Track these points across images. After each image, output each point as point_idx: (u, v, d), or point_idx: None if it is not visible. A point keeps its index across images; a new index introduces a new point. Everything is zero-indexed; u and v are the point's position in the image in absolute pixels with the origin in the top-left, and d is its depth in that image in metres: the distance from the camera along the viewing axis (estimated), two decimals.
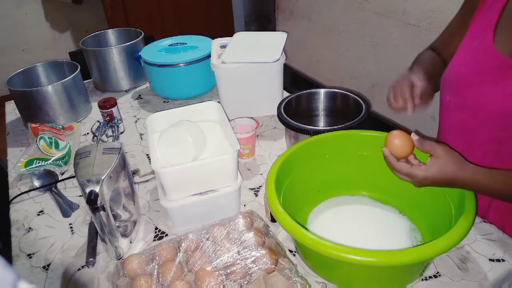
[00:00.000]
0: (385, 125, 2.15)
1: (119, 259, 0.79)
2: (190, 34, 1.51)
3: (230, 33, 1.34)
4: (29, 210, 0.96)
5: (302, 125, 0.95)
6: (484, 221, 0.83)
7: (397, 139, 0.70)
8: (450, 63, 0.86)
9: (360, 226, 0.83)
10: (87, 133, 1.27)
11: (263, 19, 3.02)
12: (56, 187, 1.01)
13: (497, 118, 0.77)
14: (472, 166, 0.66)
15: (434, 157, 0.66)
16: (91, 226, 0.87)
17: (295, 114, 1.04)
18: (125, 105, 1.41)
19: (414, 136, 0.70)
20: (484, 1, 0.81)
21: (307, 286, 0.68)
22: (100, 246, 0.83)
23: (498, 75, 0.75)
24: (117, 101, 1.29)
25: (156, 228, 0.88)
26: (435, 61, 0.93)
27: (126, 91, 1.51)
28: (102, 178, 0.72)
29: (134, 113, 1.36)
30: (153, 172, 1.03)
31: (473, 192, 0.68)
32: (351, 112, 1.01)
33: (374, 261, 0.58)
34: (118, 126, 1.26)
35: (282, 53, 1.17)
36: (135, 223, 0.86)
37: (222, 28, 3.00)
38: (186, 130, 0.87)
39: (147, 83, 1.54)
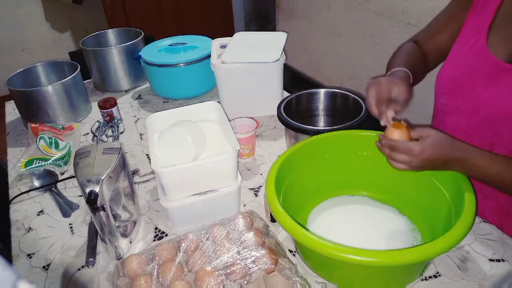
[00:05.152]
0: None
1: (119, 259, 0.79)
2: (190, 34, 1.51)
3: (230, 33, 1.34)
4: (29, 210, 0.96)
5: (302, 125, 0.95)
6: (484, 221, 0.83)
7: (396, 132, 0.72)
8: (443, 65, 0.85)
9: (360, 226, 0.83)
10: (87, 133, 1.27)
11: (263, 19, 3.02)
12: (56, 187, 1.01)
13: (490, 123, 0.77)
14: (463, 144, 0.69)
15: (426, 136, 0.68)
16: (91, 226, 0.87)
17: (295, 114, 1.04)
18: (125, 105, 1.41)
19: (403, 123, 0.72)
20: (477, 2, 0.80)
21: (307, 286, 0.68)
22: (100, 246, 0.83)
23: (491, 78, 0.75)
24: (117, 101, 1.29)
25: (156, 228, 0.88)
26: (415, 58, 0.90)
27: (126, 91, 1.51)
28: (102, 178, 0.72)
29: (134, 113, 1.36)
30: (153, 172, 1.03)
31: (473, 192, 0.68)
32: (351, 112, 1.01)
33: (374, 261, 0.58)
34: (118, 126, 1.26)
35: (282, 53, 1.17)
36: (135, 223, 0.86)
37: (222, 28, 3.00)
38: (186, 130, 0.87)
39: (147, 83, 1.54)
